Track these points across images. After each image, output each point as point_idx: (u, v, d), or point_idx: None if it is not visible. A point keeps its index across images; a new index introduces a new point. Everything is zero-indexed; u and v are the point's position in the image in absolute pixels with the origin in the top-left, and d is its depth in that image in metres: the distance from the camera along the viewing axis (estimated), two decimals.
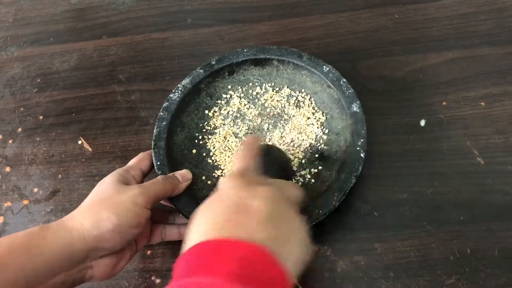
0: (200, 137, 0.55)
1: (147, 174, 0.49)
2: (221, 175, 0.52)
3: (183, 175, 0.47)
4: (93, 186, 0.43)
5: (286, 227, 0.33)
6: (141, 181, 0.47)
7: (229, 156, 0.53)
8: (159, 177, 0.45)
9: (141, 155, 0.49)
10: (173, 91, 0.53)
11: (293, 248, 0.33)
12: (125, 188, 0.42)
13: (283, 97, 0.55)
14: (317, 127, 0.52)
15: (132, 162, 0.48)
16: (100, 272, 0.41)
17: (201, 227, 0.33)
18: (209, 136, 0.55)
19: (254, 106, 0.56)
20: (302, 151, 0.52)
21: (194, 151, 0.53)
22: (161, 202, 0.47)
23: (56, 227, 0.39)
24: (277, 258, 0.29)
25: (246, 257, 0.29)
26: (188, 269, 0.29)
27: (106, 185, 0.42)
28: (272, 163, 0.45)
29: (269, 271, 0.29)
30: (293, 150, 0.52)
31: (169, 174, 0.47)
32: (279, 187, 0.36)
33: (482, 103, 0.53)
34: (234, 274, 0.28)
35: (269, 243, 0.30)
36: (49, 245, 0.37)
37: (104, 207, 0.40)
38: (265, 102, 0.56)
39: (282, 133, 0.53)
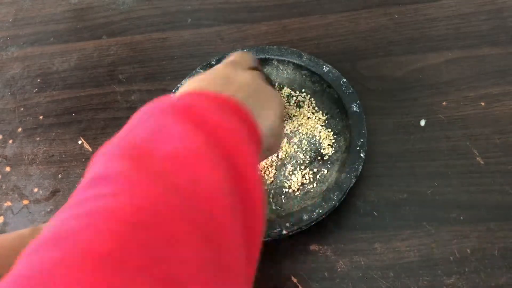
0: None
1: None
2: None
3: None
4: None
5: (265, 98, 0.36)
6: None
7: None
8: None
9: None
10: (173, 91, 0.53)
11: (269, 117, 0.35)
12: None
13: (283, 97, 0.55)
14: (317, 127, 0.52)
15: None
16: None
17: (190, 84, 0.35)
18: None
19: None
20: (302, 151, 0.52)
21: None
22: None
23: None
24: (252, 114, 0.32)
25: (225, 104, 0.31)
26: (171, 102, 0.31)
27: None
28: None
29: (244, 119, 0.31)
30: (293, 150, 0.52)
31: None
32: (267, 81, 0.40)
33: (482, 103, 0.53)
34: (216, 106, 0.30)
35: (246, 103, 0.32)
36: None
37: None
38: None
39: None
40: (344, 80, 0.50)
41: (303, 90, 0.55)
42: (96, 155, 0.27)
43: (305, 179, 0.50)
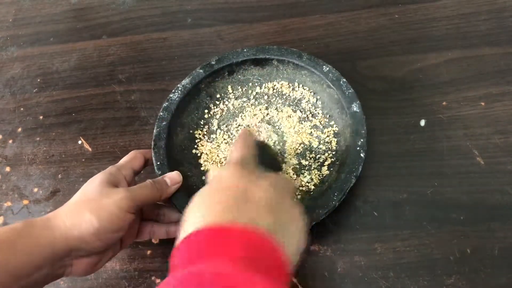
0: (200, 137, 0.55)
1: (138, 173, 0.48)
2: None
3: (172, 178, 0.46)
4: None
5: (285, 216, 0.34)
6: (132, 180, 0.47)
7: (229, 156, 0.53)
8: (148, 181, 0.44)
9: (133, 153, 0.48)
10: (173, 91, 0.53)
11: (292, 235, 0.33)
12: (111, 191, 0.41)
13: None
14: (317, 127, 0.52)
15: (123, 160, 0.48)
16: (79, 270, 0.41)
17: (199, 214, 0.32)
18: (210, 136, 0.55)
19: (254, 106, 0.56)
20: (302, 151, 0.52)
21: (194, 151, 0.53)
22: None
23: (40, 224, 0.39)
24: (278, 244, 0.30)
25: (251, 242, 0.29)
26: (188, 257, 0.29)
27: (93, 186, 0.42)
28: (262, 158, 0.44)
29: (272, 256, 0.29)
30: (292, 149, 0.52)
31: (159, 178, 0.46)
32: (277, 179, 0.37)
33: (482, 103, 0.53)
34: (239, 258, 0.28)
35: (270, 230, 0.30)
36: (33, 242, 0.37)
37: (88, 208, 0.40)
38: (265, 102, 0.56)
39: (282, 133, 0.53)
40: (344, 80, 0.50)
41: (303, 88, 0.55)
42: None
43: (305, 179, 0.50)
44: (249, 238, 0.29)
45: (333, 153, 0.50)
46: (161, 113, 0.52)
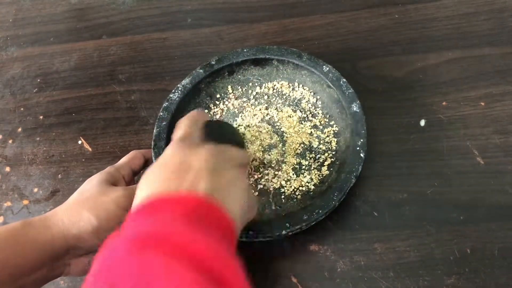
0: None
1: (138, 173, 0.48)
2: None
3: None
4: None
5: (226, 179, 0.34)
6: (131, 180, 0.47)
7: None
8: None
9: (132, 153, 0.49)
10: (173, 91, 0.53)
11: (235, 198, 0.34)
12: (110, 189, 0.41)
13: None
14: (317, 127, 0.53)
15: (123, 160, 0.48)
16: (77, 270, 0.41)
17: (147, 186, 0.33)
18: None
19: (254, 106, 0.56)
20: (302, 151, 0.52)
21: None
22: None
23: (39, 223, 0.39)
24: (221, 206, 0.31)
25: (193, 204, 0.30)
26: (136, 219, 0.30)
27: (92, 185, 0.42)
28: (221, 135, 0.43)
29: (214, 216, 0.31)
30: (292, 149, 0.52)
31: None
32: (220, 149, 0.37)
33: (482, 103, 0.53)
34: (181, 216, 0.29)
35: (211, 193, 0.32)
36: (31, 242, 0.37)
37: (86, 207, 0.40)
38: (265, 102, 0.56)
39: (282, 133, 0.53)
40: (344, 80, 0.50)
41: (303, 88, 0.55)
42: None
43: (305, 179, 0.50)
44: (188, 201, 0.31)
45: (333, 153, 0.50)
46: (161, 113, 0.52)
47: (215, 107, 0.56)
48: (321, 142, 0.52)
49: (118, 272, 0.25)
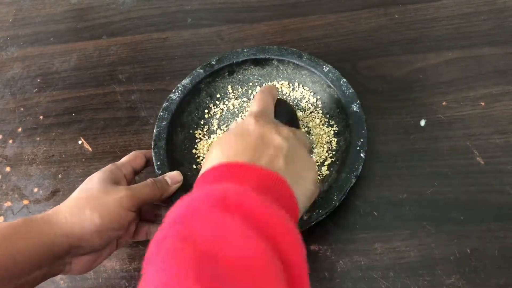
0: (200, 137, 0.55)
1: (138, 173, 0.48)
2: None
3: (173, 177, 0.46)
4: None
5: (300, 166, 0.36)
6: (132, 179, 0.47)
7: None
8: (148, 180, 0.44)
9: (134, 153, 0.48)
10: (173, 91, 0.53)
11: (303, 185, 0.36)
12: (113, 189, 0.41)
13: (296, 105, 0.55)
14: (317, 127, 0.53)
15: (124, 159, 0.48)
16: (77, 268, 0.41)
17: (224, 151, 0.35)
18: (210, 136, 0.55)
19: None
20: None
21: (194, 151, 0.53)
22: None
23: (41, 221, 0.39)
24: (290, 187, 0.33)
25: (266, 178, 0.32)
26: (219, 179, 0.32)
27: (94, 183, 0.42)
28: (282, 113, 0.45)
29: (285, 195, 0.32)
30: None
31: (159, 177, 0.46)
32: (294, 131, 0.39)
33: (482, 103, 0.53)
34: (256, 187, 0.30)
35: (285, 175, 0.33)
36: (32, 240, 0.37)
37: (89, 206, 0.39)
38: None
39: None
40: (344, 80, 0.50)
41: (303, 88, 0.55)
42: (158, 243, 0.28)
43: None
44: (265, 175, 0.32)
45: (333, 153, 0.50)
46: (161, 113, 0.52)
47: (215, 107, 0.56)
48: (321, 142, 0.52)
49: (200, 222, 0.27)
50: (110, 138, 0.59)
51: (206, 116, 0.56)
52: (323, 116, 0.53)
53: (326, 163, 0.50)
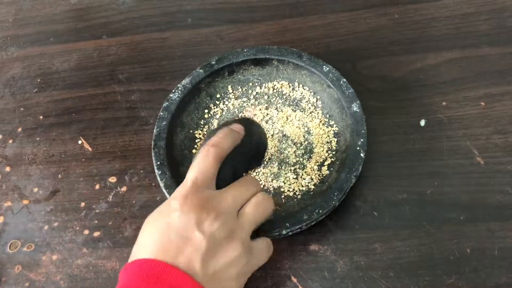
0: (200, 137, 0.55)
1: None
2: None
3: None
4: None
5: (225, 265, 0.35)
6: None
7: None
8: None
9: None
10: (173, 91, 0.53)
11: (231, 279, 0.35)
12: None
13: None
14: (317, 127, 0.53)
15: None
16: None
17: (147, 242, 0.34)
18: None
19: (254, 105, 0.56)
20: (301, 151, 0.52)
21: (194, 151, 0.53)
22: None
23: None
24: None
25: (176, 284, 0.32)
26: (129, 282, 0.32)
27: None
28: (248, 137, 0.42)
29: None
30: (293, 153, 0.52)
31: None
32: (226, 216, 0.36)
33: (482, 103, 0.53)
34: None
35: (203, 280, 0.33)
36: None
37: None
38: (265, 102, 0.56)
39: (282, 133, 0.53)
40: (344, 80, 0.51)
41: (303, 88, 0.55)
42: None
43: (305, 179, 0.50)
44: (179, 280, 0.32)
45: (333, 153, 0.51)
46: (161, 113, 0.52)
47: (215, 107, 0.56)
48: (321, 141, 0.52)
49: None
50: (110, 138, 0.59)
51: (206, 116, 0.56)
52: (323, 116, 0.53)
53: (326, 163, 0.50)
